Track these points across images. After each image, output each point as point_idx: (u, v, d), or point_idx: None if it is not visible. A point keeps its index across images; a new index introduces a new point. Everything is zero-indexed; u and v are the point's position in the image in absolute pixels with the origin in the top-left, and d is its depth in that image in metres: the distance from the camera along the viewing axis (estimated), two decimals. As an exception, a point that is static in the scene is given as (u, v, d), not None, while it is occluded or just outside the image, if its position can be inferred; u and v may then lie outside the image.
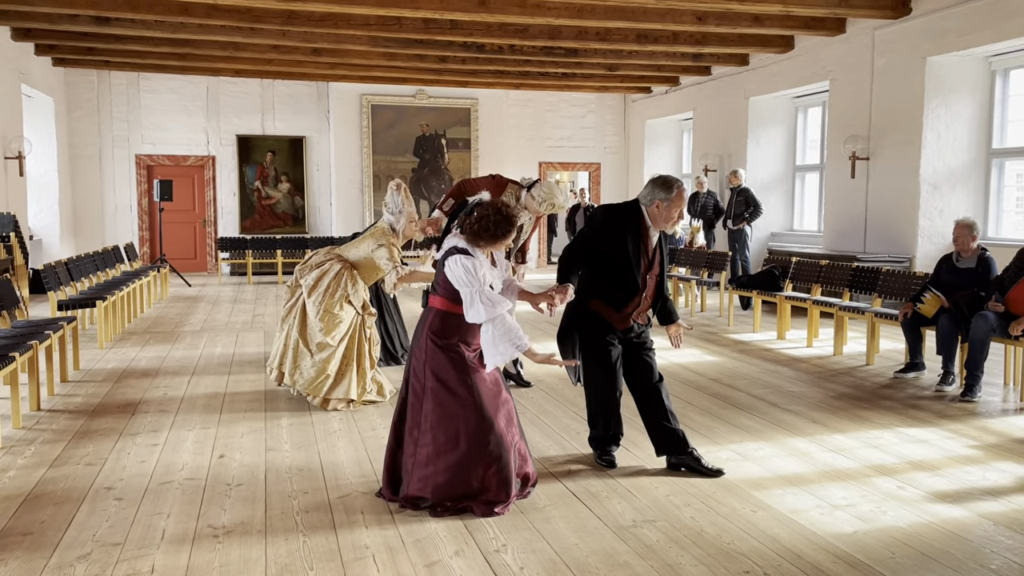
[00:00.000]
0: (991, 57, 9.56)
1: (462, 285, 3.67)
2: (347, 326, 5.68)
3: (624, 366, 4.35)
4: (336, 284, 5.68)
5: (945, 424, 5.27)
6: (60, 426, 5.20)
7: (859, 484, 4.13)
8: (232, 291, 13.10)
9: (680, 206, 4.17)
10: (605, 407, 4.35)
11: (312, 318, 5.67)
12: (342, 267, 5.75)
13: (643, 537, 3.48)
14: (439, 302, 3.80)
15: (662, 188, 4.16)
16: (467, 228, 3.77)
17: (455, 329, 3.75)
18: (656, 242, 4.29)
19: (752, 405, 5.76)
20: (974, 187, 9.88)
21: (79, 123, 14.90)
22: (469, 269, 3.66)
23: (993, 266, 6.29)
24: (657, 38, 11.35)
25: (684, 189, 4.22)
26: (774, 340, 8.50)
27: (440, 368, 3.73)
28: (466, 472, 3.68)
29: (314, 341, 5.65)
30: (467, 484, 3.68)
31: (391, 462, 3.89)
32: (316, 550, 3.35)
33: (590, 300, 4.29)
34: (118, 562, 3.23)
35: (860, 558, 3.26)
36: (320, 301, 5.64)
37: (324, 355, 5.61)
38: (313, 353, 5.63)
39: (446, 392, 3.71)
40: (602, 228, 4.25)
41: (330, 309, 5.63)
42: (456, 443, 3.68)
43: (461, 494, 3.69)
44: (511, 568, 3.19)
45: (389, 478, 3.89)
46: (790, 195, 13.32)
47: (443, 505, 3.69)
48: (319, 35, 10.99)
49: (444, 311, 3.76)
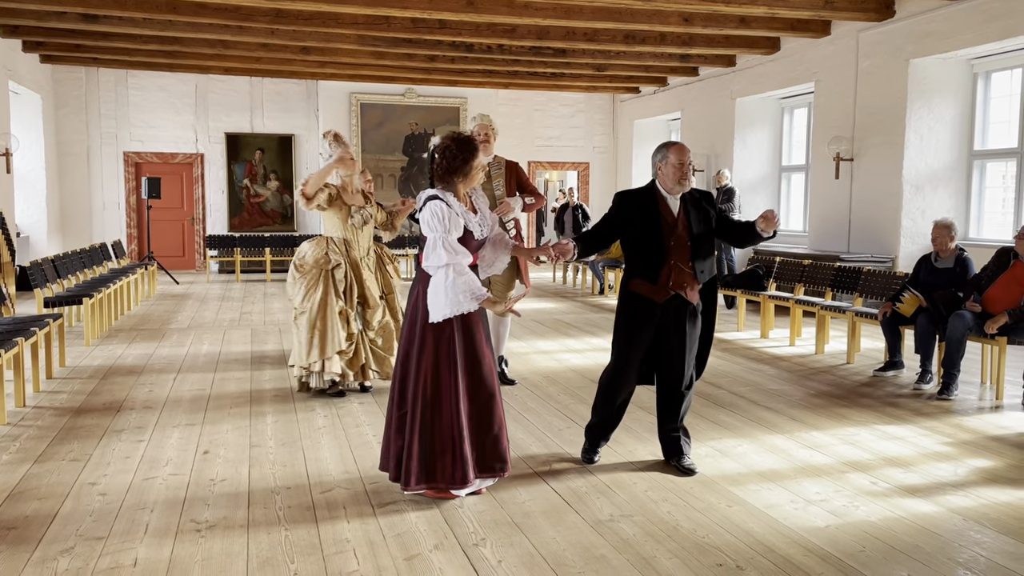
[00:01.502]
0: (973, 60, 9.67)
1: (429, 230, 3.72)
2: (317, 287, 5.77)
3: (660, 357, 4.28)
4: (299, 255, 5.93)
5: (921, 421, 5.35)
6: (46, 423, 5.23)
7: (833, 480, 4.21)
8: (220, 289, 13.11)
9: (680, 156, 4.13)
10: (605, 398, 4.37)
11: (291, 289, 5.89)
12: (306, 243, 5.99)
13: (620, 531, 3.54)
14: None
15: (658, 151, 4.24)
16: (436, 171, 3.82)
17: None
18: (680, 208, 4.21)
19: (732, 403, 5.83)
20: (956, 188, 10.00)
21: (67, 120, 14.87)
22: (437, 214, 3.71)
23: (971, 266, 6.39)
24: (644, 39, 11.42)
25: (681, 144, 4.20)
26: (757, 339, 8.59)
27: (436, 330, 3.77)
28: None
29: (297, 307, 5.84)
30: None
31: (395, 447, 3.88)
32: (297, 544, 3.40)
33: (630, 282, 4.28)
34: (101, 555, 3.27)
35: (831, 552, 3.33)
36: (293, 270, 5.91)
37: (298, 320, 5.81)
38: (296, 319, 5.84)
39: (447, 353, 3.78)
40: (617, 206, 4.30)
41: (293, 274, 5.89)
42: (445, 407, 3.80)
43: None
44: (489, 561, 3.25)
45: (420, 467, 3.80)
46: (776, 195, 13.42)
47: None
48: (308, 34, 11.02)
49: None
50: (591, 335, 8.80)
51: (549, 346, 8.06)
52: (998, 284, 5.95)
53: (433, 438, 3.77)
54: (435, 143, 3.90)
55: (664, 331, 4.24)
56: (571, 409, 5.63)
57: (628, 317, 4.25)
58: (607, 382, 4.35)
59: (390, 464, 3.92)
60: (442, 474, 3.78)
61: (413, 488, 3.81)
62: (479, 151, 3.83)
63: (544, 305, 11.30)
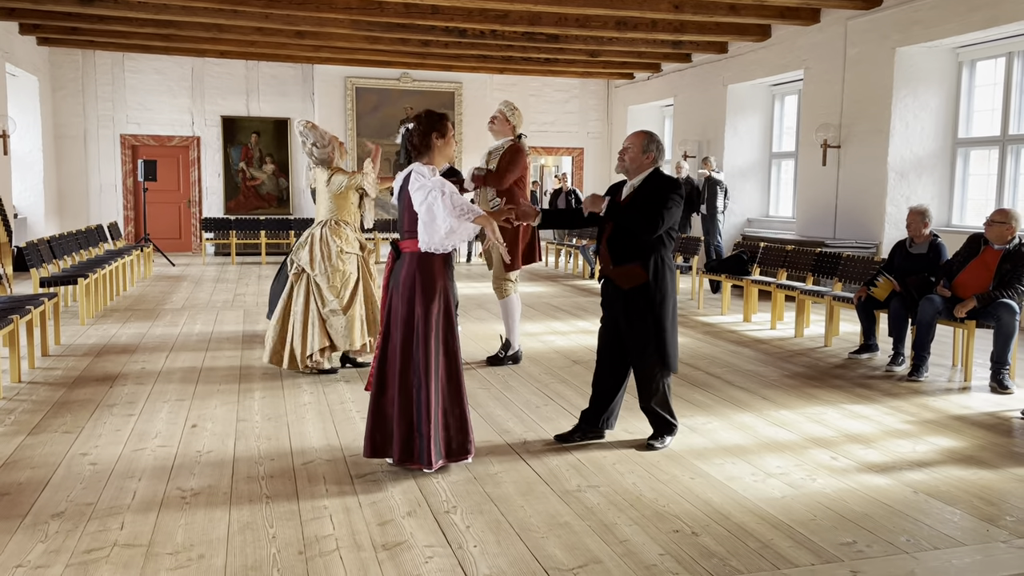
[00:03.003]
0: (958, 48, 9.79)
1: (420, 188, 3.84)
2: (356, 272, 6.09)
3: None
4: (326, 245, 6.02)
5: (888, 401, 5.53)
6: (40, 397, 5.40)
7: (795, 455, 4.38)
8: (215, 271, 13.27)
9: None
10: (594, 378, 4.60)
11: (325, 288, 5.99)
12: (321, 228, 6.09)
13: (585, 500, 3.71)
14: (413, 244, 3.95)
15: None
16: (413, 146, 4.01)
17: (438, 268, 3.95)
18: (630, 194, 4.36)
19: (708, 383, 6.00)
20: (940, 176, 10.14)
21: (64, 102, 14.98)
22: (423, 172, 3.90)
23: (944, 252, 6.54)
24: (636, 25, 11.52)
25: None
26: (740, 322, 8.75)
27: (438, 308, 3.93)
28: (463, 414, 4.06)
29: (338, 306, 6.00)
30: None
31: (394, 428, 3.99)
32: (277, 511, 3.57)
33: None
34: (90, 519, 3.44)
35: (783, 519, 3.51)
36: (325, 269, 6.00)
37: (350, 312, 6.01)
38: (339, 312, 6.01)
39: (449, 328, 3.97)
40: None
41: (337, 267, 6.01)
42: (462, 378, 4.03)
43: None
44: (458, 527, 3.42)
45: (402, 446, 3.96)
46: (766, 181, 13.56)
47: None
48: (301, 18, 11.11)
49: (421, 252, 3.94)
50: (578, 318, 8.97)
51: (535, 328, 8.22)
52: (968, 269, 6.11)
53: (457, 413, 4.01)
54: (408, 126, 4.08)
55: (617, 312, 4.40)
56: (551, 388, 5.81)
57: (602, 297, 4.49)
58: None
59: (394, 449, 3.97)
60: (460, 448, 4.03)
61: (435, 467, 3.95)
62: (448, 131, 4.03)
63: (534, 289, 11.46)
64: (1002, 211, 6.00)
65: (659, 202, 4.22)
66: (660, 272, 4.27)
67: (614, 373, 4.50)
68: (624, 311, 4.35)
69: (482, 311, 9.21)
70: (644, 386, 4.42)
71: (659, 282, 4.28)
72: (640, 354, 4.35)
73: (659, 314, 4.29)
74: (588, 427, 4.58)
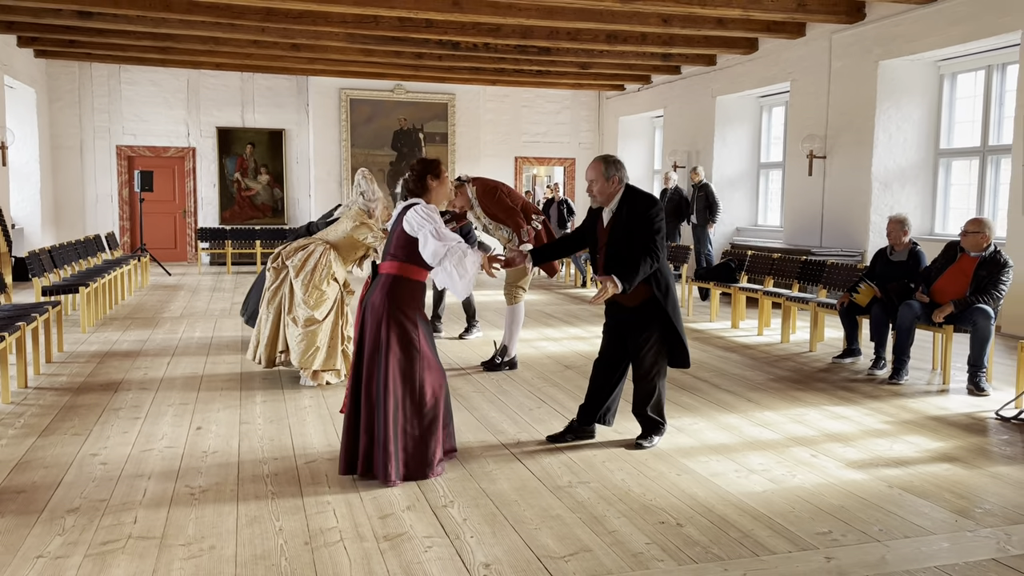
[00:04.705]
0: (939, 61, 10.06)
1: (418, 227, 4.02)
2: (332, 302, 6.15)
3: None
4: (322, 263, 6.14)
5: (868, 403, 5.73)
6: (47, 402, 5.56)
7: (777, 453, 4.58)
8: (211, 280, 13.42)
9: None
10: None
11: (299, 296, 6.09)
12: (325, 248, 6.20)
13: (576, 495, 3.90)
14: (392, 267, 4.10)
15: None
16: (410, 190, 4.21)
17: (408, 295, 4.08)
18: (609, 219, 4.53)
19: (695, 386, 6.20)
20: (923, 185, 10.39)
21: (61, 114, 15.14)
22: (422, 211, 4.07)
23: (923, 259, 6.77)
24: (626, 38, 11.77)
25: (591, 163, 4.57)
26: (728, 329, 8.96)
27: (400, 332, 4.03)
28: (434, 432, 4.10)
29: (301, 317, 6.07)
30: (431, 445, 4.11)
31: (351, 440, 4.11)
32: (283, 505, 3.74)
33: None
34: (104, 514, 3.61)
35: (763, 511, 3.70)
36: (308, 280, 6.08)
37: (312, 328, 6.03)
38: (300, 326, 6.05)
39: (408, 354, 4.04)
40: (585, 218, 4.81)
41: (318, 285, 6.07)
42: (424, 403, 4.07)
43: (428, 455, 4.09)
44: (455, 519, 3.60)
45: (350, 456, 4.10)
46: (755, 191, 13.81)
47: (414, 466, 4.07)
48: (297, 31, 11.32)
49: (396, 275, 4.08)
50: (570, 325, 9.16)
51: (529, 335, 8.41)
52: (945, 276, 6.33)
53: (416, 436, 4.08)
54: (405, 176, 4.35)
55: (623, 319, 4.59)
56: (544, 392, 5.99)
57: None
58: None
59: (359, 460, 4.05)
60: (417, 471, 4.10)
61: (392, 483, 3.98)
62: (442, 172, 4.23)
63: (527, 296, 11.61)
64: (976, 220, 6.23)
65: (647, 228, 4.37)
66: (662, 282, 4.47)
67: (615, 369, 4.66)
68: (633, 321, 4.53)
69: (480, 320, 9.37)
70: (641, 390, 4.61)
71: (664, 291, 4.49)
72: (643, 358, 4.53)
73: (668, 319, 4.50)
74: (582, 425, 4.75)
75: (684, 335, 4.59)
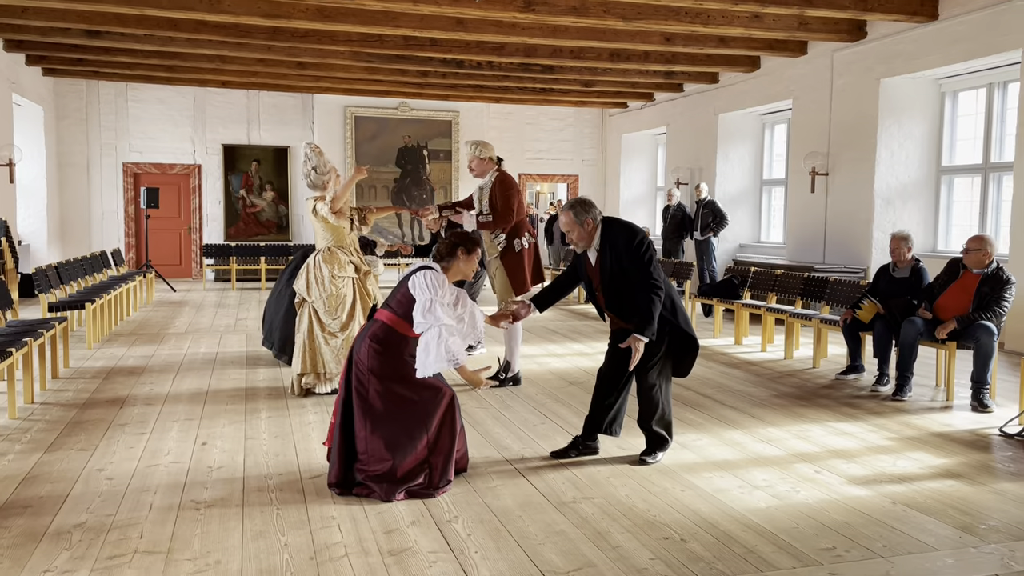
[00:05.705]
0: (940, 79, 10.12)
1: (421, 292, 4.06)
2: (352, 293, 6.28)
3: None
4: (319, 271, 6.24)
5: (872, 420, 5.74)
6: (53, 417, 5.58)
7: (781, 469, 4.59)
8: (216, 296, 13.47)
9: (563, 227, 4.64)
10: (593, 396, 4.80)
11: (323, 312, 6.20)
12: (315, 256, 6.34)
13: (580, 511, 3.91)
14: (386, 316, 4.18)
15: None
16: (439, 251, 4.27)
17: (394, 345, 4.12)
18: (596, 258, 4.61)
19: (699, 402, 6.21)
20: (925, 202, 10.42)
21: (68, 131, 15.26)
22: (433, 280, 4.09)
23: (925, 275, 6.79)
24: (629, 57, 11.87)
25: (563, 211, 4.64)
26: (732, 345, 8.97)
27: (382, 373, 4.09)
28: (418, 460, 4.09)
29: (336, 327, 6.22)
30: (416, 473, 4.09)
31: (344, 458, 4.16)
32: (288, 520, 3.76)
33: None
34: (111, 528, 3.63)
35: (767, 527, 3.71)
36: (321, 293, 6.21)
37: (349, 330, 6.22)
38: (339, 334, 6.22)
39: (392, 393, 4.08)
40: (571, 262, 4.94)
41: (331, 292, 6.21)
42: (406, 436, 4.07)
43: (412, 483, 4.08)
44: (460, 534, 3.61)
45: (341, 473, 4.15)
46: (757, 208, 13.85)
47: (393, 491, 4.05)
48: (303, 50, 11.43)
49: (388, 324, 4.15)
50: (574, 341, 9.18)
51: (532, 351, 8.43)
52: (948, 293, 6.35)
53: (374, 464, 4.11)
54: (454, 230, 4.48)
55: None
56: (547, 408, 6.01)
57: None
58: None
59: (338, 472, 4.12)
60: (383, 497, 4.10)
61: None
62: (473, 252, 4.28)
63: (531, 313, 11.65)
64: (978, 238, 6.25)
65: (639, 262, 4.42)
66: (667, 300, 4.50)
67: (619, 378, 4.66)
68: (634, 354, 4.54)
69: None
70: (646, 403, 4.63)
71: (671, 308, 4.55)
72: (647, 374, 4.56)
73: (681, 330, 4.58)
74: (587, 438, 4.77)
75: (696, 340, 4.67)
